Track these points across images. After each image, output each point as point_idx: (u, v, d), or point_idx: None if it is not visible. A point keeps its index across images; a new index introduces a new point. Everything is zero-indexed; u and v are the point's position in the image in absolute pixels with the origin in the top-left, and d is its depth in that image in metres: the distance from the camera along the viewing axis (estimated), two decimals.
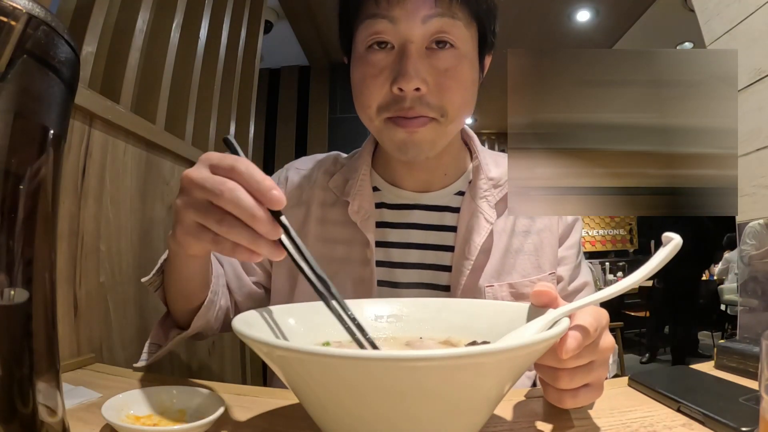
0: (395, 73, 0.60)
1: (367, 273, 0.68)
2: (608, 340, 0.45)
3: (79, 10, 0.90)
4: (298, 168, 0.79)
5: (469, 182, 0.73)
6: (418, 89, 0.59)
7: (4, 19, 0.27)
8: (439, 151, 0.66)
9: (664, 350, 4.31)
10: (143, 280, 0.62)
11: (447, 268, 0.69)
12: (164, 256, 0.61)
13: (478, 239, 0.68)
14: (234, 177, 0.41)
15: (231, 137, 0.46)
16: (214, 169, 0.42)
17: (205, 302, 0.61)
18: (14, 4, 0.28)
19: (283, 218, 0.42)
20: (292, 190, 0.75)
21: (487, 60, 0.70)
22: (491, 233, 0.68)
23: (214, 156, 0.44)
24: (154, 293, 0.63)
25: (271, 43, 3.04)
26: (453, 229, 0.70)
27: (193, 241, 0.45)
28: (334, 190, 0.73)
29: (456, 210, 0.71)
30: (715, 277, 4.62)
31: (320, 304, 0.52)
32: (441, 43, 0.61)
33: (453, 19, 0.60)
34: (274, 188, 0.41)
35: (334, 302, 0.44)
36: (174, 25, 1.19)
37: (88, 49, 0.90)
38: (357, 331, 0.43)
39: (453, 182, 0.73)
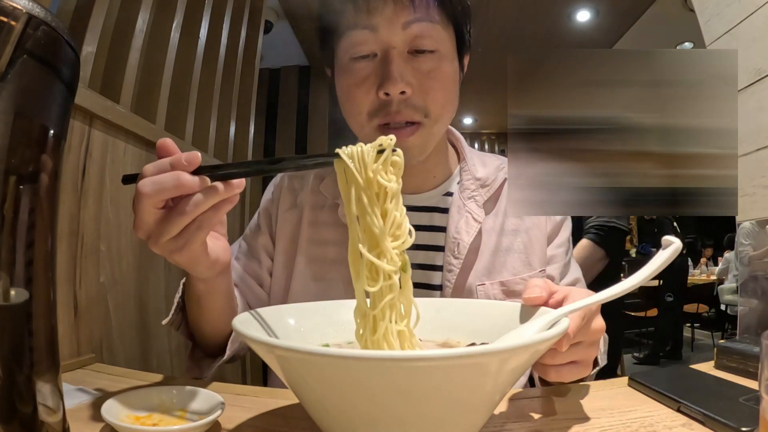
0: (380, 78, 0.62)
1: None
2: (598, 322, 0.47)
3: (79, 10, 0.90)
4: (292, 174, 0.81)
5: (458, 183, 0.74)
6: (403, 92, 0.61)
7: (4, 19, 0.27)
8: (428, 153, 0.68)
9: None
10: (164, 322, 0.62)
11: (438, 268, 0.70)
12: (179, 295, 0.62)
13: (467, 238, 0.69)
14: (145, 172, 0.44)
15: (126, 175, 0.48)
16: (136, 200, 0.44)
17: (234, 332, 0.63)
18: (14, 4, 0.28)
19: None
20: (287, 194, 0.77)
21: (466, 59, 0.71)
22: (480, 232, 0.70)
23: (133, 202, 0.45)
24: (176, 331, 0.64)
25: (271, 43, 3.04)
26: (443, 229, 0.71)
27: (186, 250, 0.46)
28: (325, 193, 0.74)
29: (445, 210, 0.72)
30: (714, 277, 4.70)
31: (320, 304, 0.52)
32: (421, 49, 0.63)
33: (431, 23, 0.62)
34: (180, 158, 0.43)
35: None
36: (174, 25, 1.19)
37: (88, 49, 0.90)
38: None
39: (441, 183, 0.75)
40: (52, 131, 0.32)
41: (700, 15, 1.08)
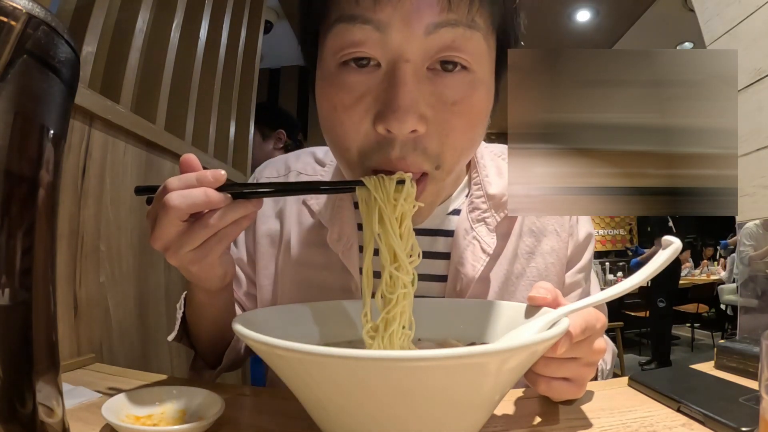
0: (381, 104, 0.44)
1: None
2: (600, 344, 0.45)
3: (79, 10, 0.90)
4: (269, 177, 0.69)
5: (466, 195, 0.62)
6: (414, 130, 0.43)
7: (4, 19, 0.27)
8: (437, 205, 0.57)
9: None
10: (170, 338, 0.61)
11: None
12: (181, 310, 0.62)
13: (472, 272, 0.58)
14: (170, 191, 0.43)
15: (139, 186, 0.49)
16: (161, 212, 0.43)
17: (233, 341, 0.63)
18: (14, 4, 0.28)
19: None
20: (269, 201, 0.66)
21: (503, 81, 0.53)
22: (489, 262, 0.59)
23: (150, 213, 0.45)
24: (178, 343, 0.63)
25: (271, 43, 3.05)
26: (445, 256, 0.60)
27: (204, 262, 0.46)
28: (311, 205, 0.63)
29: (449, 234, 0.60)
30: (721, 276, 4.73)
31: (320, 304, 0.52)
32: (450, 64, 0.45)
33: (470, 29, 0.43)
34: (207, 175, 0.43)
35: None
36: (174, 25, 1.19)
37: (88, 49, 0.90)
38: None
39: (445, 200, 0.61)
40: (52, 131, 0.32)
41: (700, 15, 1.08)
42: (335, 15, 0.45)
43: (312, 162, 0.69)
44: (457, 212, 0.61)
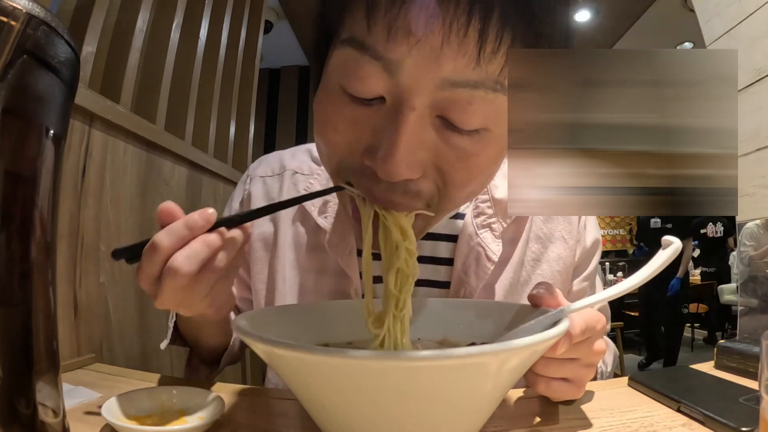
0: (374, 138, 0.38)
1: None
2: (600, 345, 0.45)
3: (79, 10, 0.90)
4: (263, 176, 0.67)
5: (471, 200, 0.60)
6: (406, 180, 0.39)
7: (4, 19, 0.27)
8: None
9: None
10: (162, 346, 0.60)
11: None
12: (173, 319, 0.61)
13: (476, 282, 0.56)
14: (163, 250, 0.38)
15: (117, 249, 0.40)
16: (167, 277, 0.37)
17: (230, 345, 0.63)
18: (14, 4, 0.28)
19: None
20: (261, 203, 0.63)
21: None
22: (494, 270, 0.57)
23: (143, 277, 0.39)
24: (173, 345, 0.62)
25: (271, 43, 3.05)
26: (448, 262, 0.58)
27: (217, 300, 0.43)
28: (307, 206, 0.60)
29: (453, 239, 0.58)
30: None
31: (320, 304, 0.52)
32: (462, 129, 0.39)
33: (494, 92, 0.38)
34: (197, 220, 0.38)
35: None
36: (174, 25, 1.19)
37: (88, 49, 0.90)
38: None
39: None
40: (52, 131, 0.32)
41: (700, 15, 1.08)
42: (346, 33, 0.39)
43: (308, 160, 0.67)
44: (461, 216, 0.59)
